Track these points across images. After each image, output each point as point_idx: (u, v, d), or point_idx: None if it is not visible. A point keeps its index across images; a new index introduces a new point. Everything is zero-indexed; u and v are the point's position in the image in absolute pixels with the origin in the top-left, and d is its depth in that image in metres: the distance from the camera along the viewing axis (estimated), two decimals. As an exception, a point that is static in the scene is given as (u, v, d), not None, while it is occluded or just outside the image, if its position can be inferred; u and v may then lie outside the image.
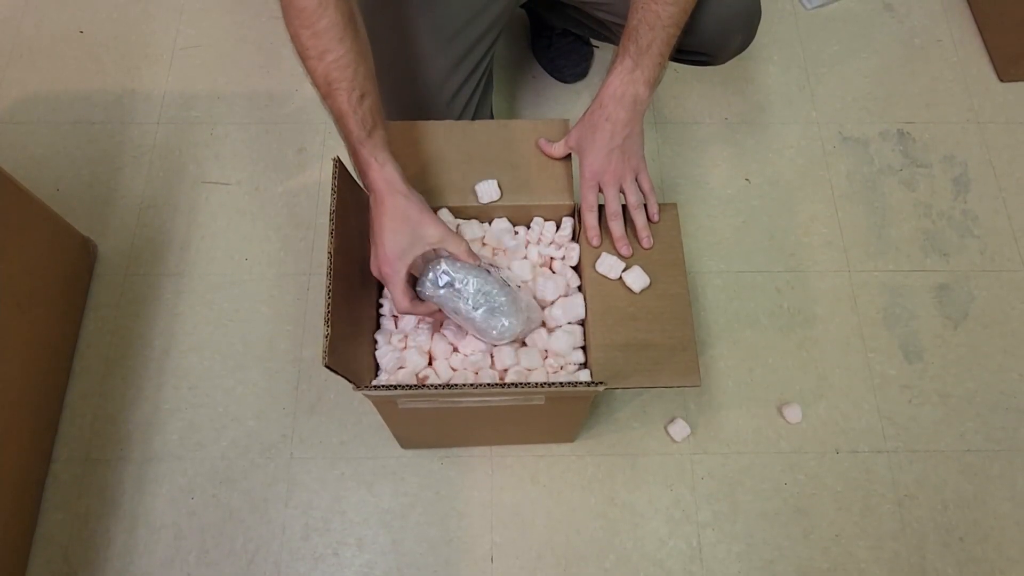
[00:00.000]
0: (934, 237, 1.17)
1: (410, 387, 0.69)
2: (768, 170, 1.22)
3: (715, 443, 1.03)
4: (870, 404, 1.06)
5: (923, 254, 1.16)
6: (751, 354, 1.08)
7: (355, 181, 0.80)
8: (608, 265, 0.79)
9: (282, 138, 1.22)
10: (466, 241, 0.74)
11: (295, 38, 0.70)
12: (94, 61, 1.27)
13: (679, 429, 1.02)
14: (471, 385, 0.69)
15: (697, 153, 1.22)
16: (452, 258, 0.74)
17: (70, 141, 1.20)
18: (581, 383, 0.67)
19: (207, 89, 1.25)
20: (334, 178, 0.74)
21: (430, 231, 0.71)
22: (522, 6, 1.04)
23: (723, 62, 0.98)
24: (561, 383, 0.67)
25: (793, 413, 1.03)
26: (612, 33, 1.03)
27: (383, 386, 0.68)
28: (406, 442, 0.99)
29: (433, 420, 0.86)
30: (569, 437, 1.01)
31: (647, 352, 0.76)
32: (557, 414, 0.86)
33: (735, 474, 1.01)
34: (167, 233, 1.14)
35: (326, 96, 0.71)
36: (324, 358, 0.66)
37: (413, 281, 0.75)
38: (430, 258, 0.75)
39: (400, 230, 0.71)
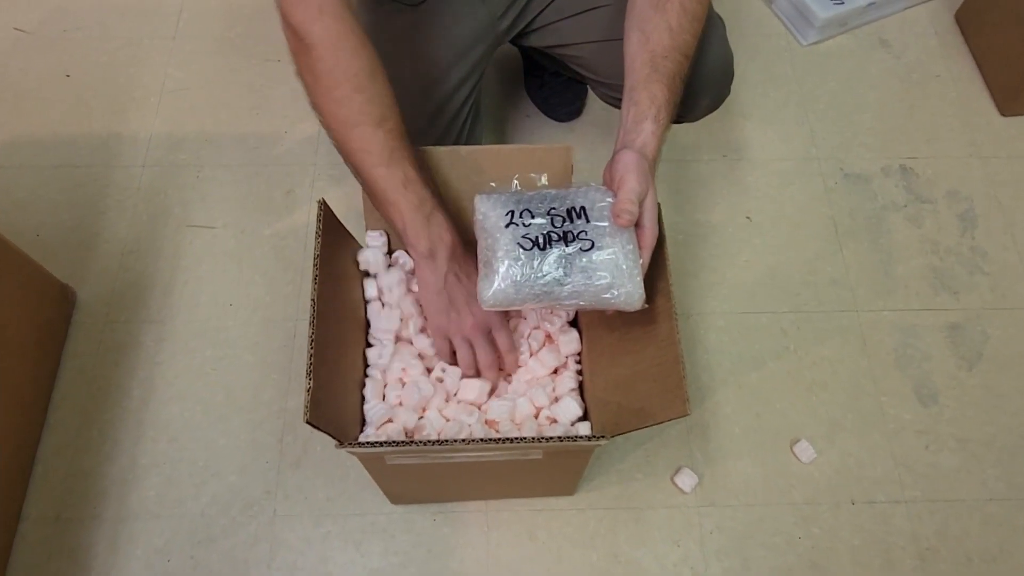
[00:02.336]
0: (943, 275, 1.14)
1: (398, 443, 0.65)
2: (769, 207, 1.19)
3: (723, 494, 0.98)
4: (885, 451, 1.01)
5: (933, 292, 1.12)
6: (758, 399, 1.04)
7: (340, 223, 0.77)
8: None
9: (270, 180, 1.19)
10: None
11: (337, 114, 0.71)
12: (80, 104, 1.25)
13: (686, 479, 0.97)
14: (463, 441, 0.64)
15: (695, 191, 1.20)
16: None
17: (53, 185, 1.17)
18: (581, 437, 0.63)
19: (195, 131, 1.23)
20: (319, 220, 0.71)
21: None
22: (513, 44, 1.02)
23: (693, 120, 0.96)
24: (560, 438, 0.62)
25: (805, 451, 0.99)
26: (585, 81, 1.01)
27: (368, 443, 0.64)
28: (396, 498, 0.93)
29: (424, 475, 0.81)
30: (569, 490, 0.95)
31: (639, 387, 0.71)
32: (556, 468, 0.81)
33: (745, 528, 0.96)
34: (149, 278, 1.10)
35: (391, 163, 0.70)
36: (305, 414, 0.61)
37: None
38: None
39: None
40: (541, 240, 0.66)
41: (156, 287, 1.09)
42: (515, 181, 0.72)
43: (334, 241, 0.74)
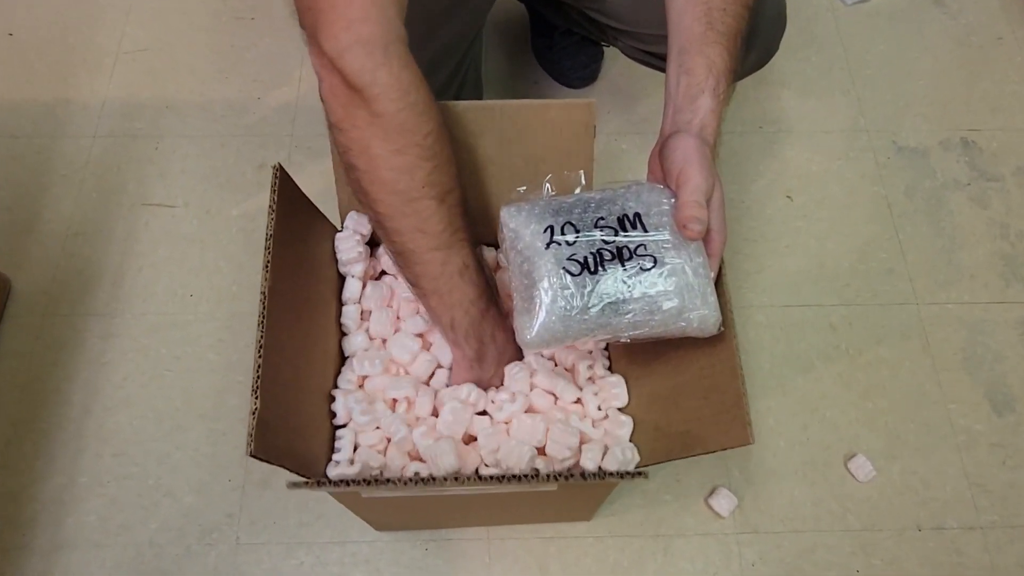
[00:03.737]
0: (1014, 262, 0.99)
1: (373, 482, 0.50)
2: (813, 186, 1.04)
3: (767, 519, 0.83)
4: (955, 467, 0.86)
5: (1003, 282, 0.98)
6: (805, 407, 0.89)
7: (305, 197, 0.62)
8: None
9: (239, 153, 1.04)
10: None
11: (396, 184, 0.55)
12: (23, 67, 1.10)
13: (723, 501, 0.83)
14: (455, 479, 0.49)
15: (729, 167, 1.05)
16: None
17: (-11, 158, 1.02)
18: (611, 475, 0.48)
19: (154, 97, 1.08)
20: (273, 191, 0.56)
21: None
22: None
23: (737, 80, 0.82)
24: (583, 475, 0.47)
25: (862, 468, 0.85)
26: (606, 36, 0.88)
27: (335, 481, 0.49)
28: (381, 525, 0.79)
29: (411, 506, 0.67)
30: (586, 515, 0.81)
31: (683, 404, 0.58)
32: (573, 497, 0.67)
33: (793, 559, 0.82)
34: (97, 265, 0.96)
35: (451, 245, 0.58)
36: (249, 444, 0.46)
37: None
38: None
39: None
40: (591, 261, 0.53)
41: (104, 275, 0.95)
42: (547, 185, 0.57)
43: (297, 218, 0.60)
